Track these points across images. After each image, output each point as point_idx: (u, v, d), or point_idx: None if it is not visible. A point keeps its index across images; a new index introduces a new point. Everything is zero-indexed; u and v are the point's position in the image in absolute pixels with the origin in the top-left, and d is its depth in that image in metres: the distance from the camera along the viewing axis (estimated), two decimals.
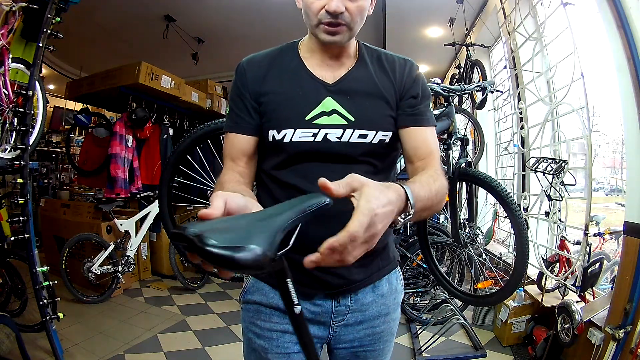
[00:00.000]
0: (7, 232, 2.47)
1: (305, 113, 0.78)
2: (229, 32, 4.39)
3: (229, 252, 0.41)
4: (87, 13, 3.63)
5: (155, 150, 3.73)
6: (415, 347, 2.38)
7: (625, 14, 1.66)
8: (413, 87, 0.83)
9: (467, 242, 2.03)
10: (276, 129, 0.78)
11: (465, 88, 1.97)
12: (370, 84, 0.81)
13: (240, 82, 0.83)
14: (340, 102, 0.79)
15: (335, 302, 0.84)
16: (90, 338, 2.43)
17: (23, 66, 1.97)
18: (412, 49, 4.66)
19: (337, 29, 0.75)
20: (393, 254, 0.92)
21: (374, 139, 0.79)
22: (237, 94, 0.83)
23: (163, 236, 3.73)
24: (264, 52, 0.86)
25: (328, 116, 0.78)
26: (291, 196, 0.69)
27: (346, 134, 0.78)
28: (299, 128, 0.77)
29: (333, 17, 0.74)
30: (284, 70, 0.82)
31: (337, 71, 0.82)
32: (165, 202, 1.65)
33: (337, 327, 0.86)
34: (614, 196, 4.01)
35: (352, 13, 0.75)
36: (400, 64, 0.85)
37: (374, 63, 0.84)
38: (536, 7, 2.58)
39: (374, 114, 0.80)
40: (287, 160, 0.79)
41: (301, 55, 0.84)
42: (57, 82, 5.73)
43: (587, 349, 1.80)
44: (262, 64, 0.83)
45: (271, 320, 0.84)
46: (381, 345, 0.91)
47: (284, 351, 0.84)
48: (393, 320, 0.92)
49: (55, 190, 5.24)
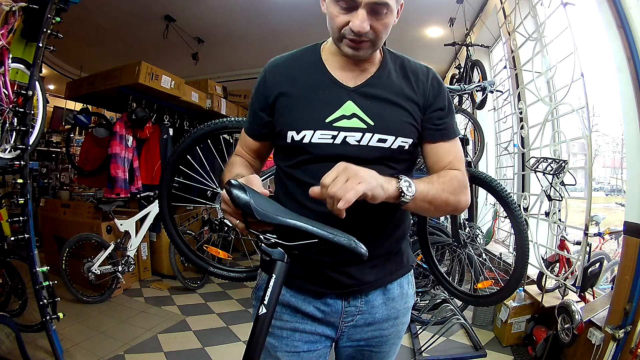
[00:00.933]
0: (7, 232, 2.47)
1: (326, 115, 0.78)
2: (229, 32, 4.39)
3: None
4: (87, 13, 3.64)
5: (155, 150, 3.73)
6: (415, 347, 2.38)
7: (625, 14, 1.66)
8: (439, 99, 0.84)
9: (467, 242, 2.03)
10: (296, 130, 0.79)
11: (465, 88, 1.98)
12: (392, 91, 0.82)
13: (261, 86, 0.86)
14: (361, 106, 0.79)
15: (345, 302, 0.85)
16: (90, 338, 2.43)
17: (23, 66, 1.97)
18: (412, 49, 4.66)
19: (361, 45, 0.75)
20: (407, 259, 0.93)
21: (393, 144, 0.79)
22: (255, 99, 0.87)
23: (163, 236, 3.73)
24: (288, 54, 0.87)
25: (348, 119, 0.78)
26: (305, 194, 0.75)
27: (365, 138, 0.78)
28: (319, 130, 0.78)
29: (357, 35, 0.73)
30: (306, 73, 0.83)
31: (359, 76, 0.82)
32: (165, 202, 1.65)
33: (345, 327, 0.87)
34: (614, 196, 4.01)
35: (377, 31, 0.74)
36: (423, 72, 0.85)
37: (397, 70, 0.84)
38: (536, 7, 2.58)
39: (394, 119, 0.80)
40: (305, 161, 0.80)
41: (323, 58, 0.84)
42: (57, 82, 5.74)
43: (587, 349, 1.81)
44: (284, 66, 0.85)
45: (281, 318, 0.85)
46: (387, 348, 0.92)
47: (293, 350, 0.85)
48: (402, 324, 0.93)
49: (55, 190, 5.24)
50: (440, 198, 0.76)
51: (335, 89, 0.81)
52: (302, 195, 0.79)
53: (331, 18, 0.76)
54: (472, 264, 2.27)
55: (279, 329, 0.85)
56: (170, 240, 1.73)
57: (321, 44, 0.87)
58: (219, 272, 1.66)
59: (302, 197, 0.80)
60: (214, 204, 1.92)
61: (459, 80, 3.70)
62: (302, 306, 0.85)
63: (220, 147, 2.10)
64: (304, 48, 0.88)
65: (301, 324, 0.85)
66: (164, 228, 1.72)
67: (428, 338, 2.39)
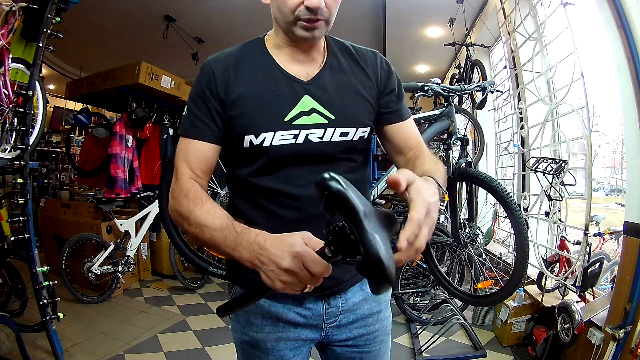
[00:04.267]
0: (7, 232, 2.47)
1: (284, 114, 0.74)
2: (229, 32, 4.38)
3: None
4: (87, 13, 3.64)
5: (155, 150, 3.73)
6: (415, 347, 2.38)
7: (625, 14, 1.66)
8: (390, 81, 0.84)
9: (467, 242, 2.02)
10: (254, 134, 0.73)
11: (465, 88, 1.97)
12: (346, 79, 0.79)
13: (206, 83, 0.76)
14: (319, 100, 0.75)
15: (326, 303, 0.82)
16: (90, 338, 2.43)
17: (23, 66, 1.97)
18: (412, 49, 4.66)
19: (316, 25, 0.72)
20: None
21: (354, 136, 0.77)
22: (202, 97, 0.76)
23: (163, 236, 3.72)
24: (227, 50, 0.81)
25: (307, 116, 0.74)
26: (275, 202, 0.73)
27: (327, 133, 0.75)
28: (279, 130, 0.73)
29: (312, 13, 0.70)
30: (255, 69, 0.77)
31: (310, 68, 0.78)
32: (165, 202, 1.65)
33: (329, 328, 0.85)
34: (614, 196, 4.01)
35: (330, 7, 0.72)
36: (370, 56, 0.84)
37: (346, 57, 0.82)
38: (536, 7, 2.58)
39: (353, 110, 0.78)
40: (267, 165, 0.74)
41: (269, 52, 0.79)
42: (57, 82, 5.73)
43: (587, 349, 1.80)
44: (229, 63, 0.77)
45: (263, 330, 0.82)
46: (377, 346, 0.90)
47: (280, 358, 0.83)
48: (386, 318, 0.91)
49: (55, 190, 5.24)
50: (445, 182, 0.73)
51: (289, 84, 0.76)
52: (269, 202, 0.75)
53: (282, 2, 0.71)
54: (472, 264, 2.27)
55: (263, 341, 0.82)
56: (170, 240, 1.73)
57: (263, 37, 0.82)
58: (219, 272, 1.66)
59: (269, 204, 0.75)
60: None
61: (459, 80, 3.70)
62: (283, 314, 0.81)
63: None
64: (245, 43, 0.81)
65: (284, 333, 0.82)
66: (164, 228, 1.73)
67: (428, 338, 2.39)
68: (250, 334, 0.83)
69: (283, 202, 0.74)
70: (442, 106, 1.99)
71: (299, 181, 0.74)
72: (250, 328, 0.83)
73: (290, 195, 0.74)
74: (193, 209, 0.69)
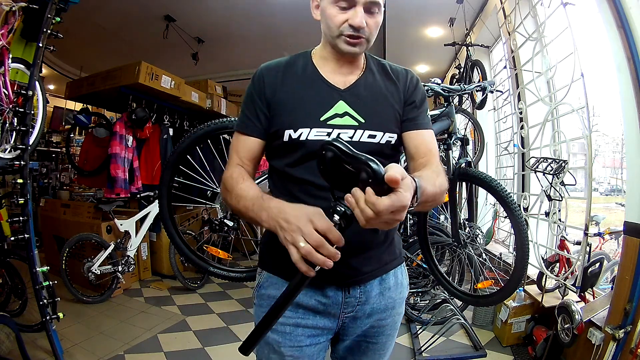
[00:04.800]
0: (7, 232, 2.46)
1: (320, 114, 0.85)
2: (229, 32, 4.39)
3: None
4: (87, 13, 3.64)
5: (155, 150, 3.73)
6: (415, 347, 2.38)
7: (625, 14, 1.66)
8: (414, 94, 0.93)
9: (467, 242, 2.03)
10: (293, 128, 0.84)
11: (465, 88, 1.97)
12: (378, 90, 0.90)
13: (256, 87, 0.89)
14: (352, 105, 0.86)
15: (345, 293, 0.88)
16: (90, 338, 2.43)
17: (23, 66, 1.97)
18: (412, 49, 4.66)
19: (358, 41, 0.84)
20: (399, 250, 0.99)
21: (381, 140, 0.87)
22: (251, 99, 0.90)
23: (163, 236, 3.73)
24: (278, 60, 0.93)
25: (341, 118, 0.85)
26: (306, 191, 0.85)
27: (357, 134, 0.85)
28: (315, 127, 0.84)
29: (355, 31, 0.82)
30: (300, 76, 0.89)
31: (348, 78, 0.90)
32: (165, 202, 1.65)
33: (346, 319, 0.91)
34: (614, 196, 4.01)
35: (371, 27, 0.84)
36: (403, 73, 0.95)
37: (380, 72, 0.93)
38: (536, 7, 2.58)
39: (382, 116, 0.88)
40: (302, 158, 0.85)
41: (315, 63, 0.91)
42: (57, 82, 5.74)
43: (587, 349, 1.81)
44: (278, 69, 0.90)
45: (284, 314, 0.85)
46: (383, 339, 0.96)
47: (296, 344, 0.89)
48: (398, 315, 0.98)
49: (55, 190, 5.24)
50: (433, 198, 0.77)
51: (327, 90, 0.87)
52: (300, 191, 0.86)
53: (330, 18, 0.83)
54: (472, 264, 2.27)
55: (282, 325, 0.88)
56: (170, 240, 1.73)
57: (311, 51, 0.95)
58: (219, 272, 1.66)
59: (299, 194, 0.85)
60: (214, 204, 1.92)
61: (459, 80, 3.70)
62: (304, 301, 0.88)
63: (220, 147, 2.10)
64: (295, 55, 0.94)
65: (303, 319, 0.89)
66: (164, 228, 1.72)
67: (428, 338, 2.39)
68: None
69: (312, 192, 0.84)
70: (442, 106, 1.99)
71: None
72: None
73: (318, 185, 0.83)
74: (235, 185, 0.85)
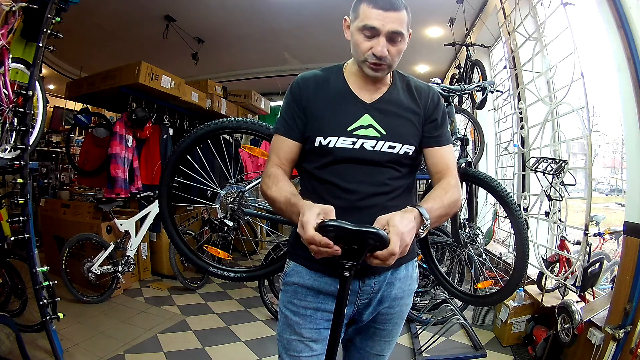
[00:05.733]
0: (7, 232, 2.46)
1: (348, 125, 0.95)
2: (229, 32, 4.39)
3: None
4: (87, 13, 3.64)
5: (155, 150, 3.73)
6: (415, 347, 2.38)
7: (625, 14, 1.66)
8: (435, 112, 1.03)
9: (467, 242, 2.02)
10: (323, 136, 0.95)
11: (465, 88, 1.97)
12: (400, 106, 1.00)
13: (295, 95, 1.00)
14: (376, 118, 0.96)
15: (361, 282, 0.98)
16: (90, 338, 2.43)
17: (23, 66, 1.97)
18: (412, 49, 4.66)
19: (380, 67, 0.94)
20: (414, 247, 1.07)
21: (400, 150, 0.96)
22: (290, 105, 1.00)
23: (163, 236, 3.73)
24: (314, 71, 1.04)
25: (365, 129, 0.95)
26: (329, 191, 0.96)
27: (378, 145, 0.95)
28: (342, 136, 0.94)
29: (378, 59, 0.92)
30: (332, 89, 1.00)
31: (374, 94, 1.00)
32: (165, 202, 1.65)
33: (361, 305, 1.01)
34: (614, 196, 4.01)
35: (393, 55, 0.93)
36: (425, 91, 1.04)
37: (404, 89, 1.03)
38: (536, 7, 2.58)
39: (402, 130, 0.98)
40: (329, 162, 0.96)
41: (345, 77, 1.01)
42: (57, 82, 5.74)
43: (587, 349, 1.81)
44: (313, 81, 1.01)
45: (306, 299, 1.00)
46: (390, 327, 1.06)
47: (315, 327, 0.99)
48: (406, 306, 1.07)
49: (55, 190, 5.24)
50: (445, 212, 0.92)
51: (355, 103, 0.98)
52: (325, 191, 0.96)
53: (357, 44, 0.93)
54: (472, 264, 2.27)
55: (304, 308, 0.99)
56: (170, 240, 1.73)
57: (343, 65, 1.04)
58: (219, 272, 1.66)
59: (324, 194, 0.96)
60: (214, 204, 1.92)
61: (459, 80, 3.69)
62: (324, 288, 0.98)
63: (220, 147, 2.10)
64: (329, 67, 1.04)
65: (322, 304, 0.99)
66: (164, 228, 1.72)
67: (428, 338, 2.39)
68: (295, 302, 1.01)
69: (335, 193, 0.95)
70: None
71: (351, 178, 0.95)
72: (295, 296, 1.01)
73: (341, 187, 0.94)
74: (271, 185, 0.96)
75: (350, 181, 0.94)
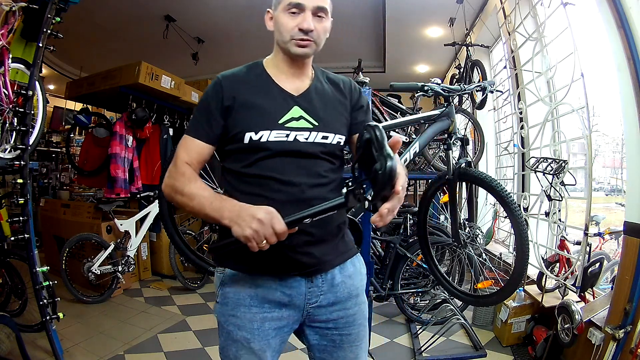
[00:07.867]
0: (7, 232, 2.47)
1: (278, 118, 0.93)
2: (229, 32, 4.39)
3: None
4: (87, 13, 3.63)
5: (155, 150, 3.73)
6: (415, 347, 2.38)
7: (625, 14, 1.66)
8: (361, 99, 1.06)
9: (467, 242, 2.02)
10: (254, 131, 0.92)
11: (465, 88, 1.97)
12: (326, 97, 1.00)
13: (216, 95, 0.95)
14: (305, 110, 0.96)
15: (309, 282, 0.95)
16: (90, 338, 2.43)
17: (23, 66, 1.97)
18: (412, 49, 4.66)
19: (307, 43, 0.93)
20: (351, 243, 1.08)
21: (333, 140, 0.97)
22: (206, 107, 0.96)
23: (163, 236, 3.73)
24: (233, 70, 1.00)
25: (297, 121, 0.94)
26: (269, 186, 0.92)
27: (312, 136, 0.94)
28: (274, 130, 0.92)
29: (304, 34, 0.91)
30: (256, 83, 0.97)
31: (300, 85, 0.99)
32: (165, 202, 1.65)
33: (310, 308, 0.97)
34: (614, 196, 4.01)
35: (319, 31, 0.93)
36: (346, 81, 1.07)
37: (326, 81, 1.04)
38: (536, 7, 2.58)
39: (333, 120, 0.98)
40: (262, 157, 0.92)
41: (268, 72, 0.99)
42: (57, 82, 5.73)
43: (587, 349, 1.81)
44: (235, 78, 0.98)
45: (251, 311, 0.93)
46: (355, 329, 1.01)
47: (265, 338, 0.94)
48: (363, 303, 1.04)
49: (55, 190, 5.24)
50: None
51: (282, 96, 0.96)
52: (262, 188, 0.92)
53: (282, 25, 0.92)
54: (472, 264, 2.27)
55: (250, 321, 0.93)
56: (170, 240, 1.73)
57: (262, 61, 1.02)
58: None
59: (261, 190, 0.92)
60: None
61: (459, 80, 3.70)
62: (269, 295, 0.93)
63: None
64: (248, 65, 1.02)
65: (269, 313, 0.94)
66: (164, 228, 1.73)
67: (428, 338, 2.39)
68: (239, 315, 0.93)
69: (275, 187, 0.91)
70: (442, 106, 1.98)
71: (289, 171, 0.92)
72: (238, 309, 0.94)
73: (281, 180, 0.91)
74: (188, 184, 0.90)
75: (289, 174, 0.91)
